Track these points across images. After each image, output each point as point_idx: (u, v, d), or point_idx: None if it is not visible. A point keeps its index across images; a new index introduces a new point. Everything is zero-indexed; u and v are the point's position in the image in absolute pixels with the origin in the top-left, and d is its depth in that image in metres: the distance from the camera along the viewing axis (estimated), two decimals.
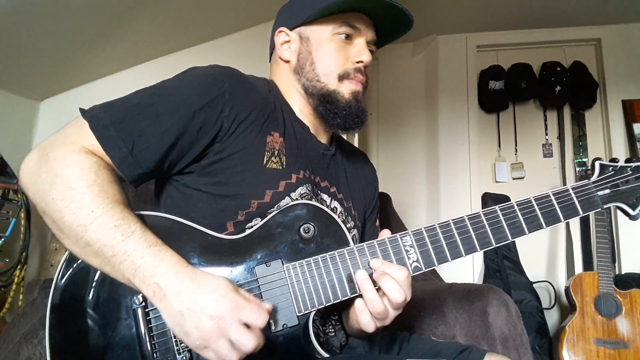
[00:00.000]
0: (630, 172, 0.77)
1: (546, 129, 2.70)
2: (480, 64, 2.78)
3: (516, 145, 2.71)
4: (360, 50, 0.83)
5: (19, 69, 1.65)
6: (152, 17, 1.70)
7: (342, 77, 0.83)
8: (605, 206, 0.75)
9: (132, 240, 0.60)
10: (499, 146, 2.74)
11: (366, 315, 0.68)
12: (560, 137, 2.66)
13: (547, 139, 2.69)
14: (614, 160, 0.80)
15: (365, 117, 0.85)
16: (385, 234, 0.73)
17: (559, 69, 2.60)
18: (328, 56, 0.82)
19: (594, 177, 0.77)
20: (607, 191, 0.76)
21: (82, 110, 0.68)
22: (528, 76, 2.64)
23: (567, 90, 2.58)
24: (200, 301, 0.57)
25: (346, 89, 0.83)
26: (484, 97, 2.72)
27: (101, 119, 0.66)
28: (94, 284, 0.66)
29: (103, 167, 0.64)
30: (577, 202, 0.74)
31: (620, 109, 2.56)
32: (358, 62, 0.83)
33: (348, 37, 0.83)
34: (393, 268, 0.68)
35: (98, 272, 0.66)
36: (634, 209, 0.76)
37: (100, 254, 0.60)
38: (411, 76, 2.95)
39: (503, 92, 2.67)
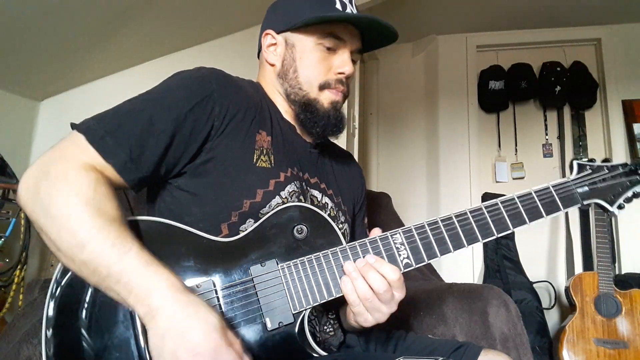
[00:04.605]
0: (607, 171, 0.82)
1: (546, 129, 2.70)
2: (480, 64, 2.78)
3: (516, 145, 2.72)
4: (343, 61, 0.84)
5: (19, 69, 1.66)
6: (151, 17, 1.71)
7: (323, 87, 0.84)
8: (584, 202, 0.80)
9: (127, 259, 0.59)
10: (499, 146, 2.74)
11: (360, 307, 0.69)
12: (560, 137, 2.66)
13: (547, 139, 2.69)
14: (591, 160, 0.85)
15: (343, 125, 0.87)
16: (375, 232, 0.74)
17: (559, 69, 2.61)
18: (311, 65, 0.83)
19: (573, 176, 0.81)
20: (586, 188, 0.80)
21: (74, 125, 0.68)
22: (528, 76, 2.65)
23: (567, 90, 2.58)
24: (183, 331, 0.56)
25: (326, 99, 0.84)
26: (484, 97, 2.73)
27: (96, 131, 0.66)
28: (92, 287, 0.66)
29: (102, 183, 0.64)
30: (557, 199, 0.78)
31: (620, 109, 2.56)
32: (340, 74, 0.84)
33: (331, 48, 0.84)
34: (386, 267, 0.69)
35: None
36: (611, 205, 0.81)
37: (96, 273, 0.60)
38: (411, 76, 2.96)
39: (503, 92, 2.67)
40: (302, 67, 0.83)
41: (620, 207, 0.81)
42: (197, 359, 0.55)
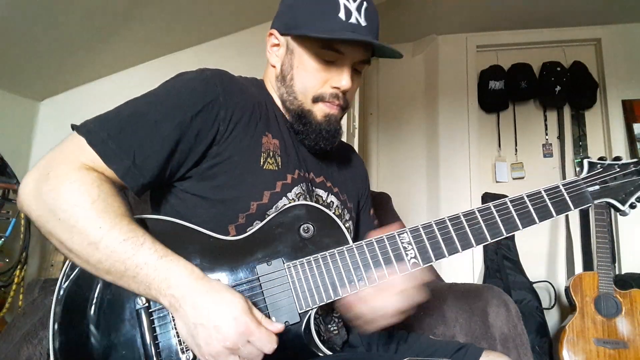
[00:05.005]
0: (618, 169, 0.80)
1: (546, 129, 2.70)
2: (480, 64, 2.78)
3: (516, 145, 2.71)
4: (340, 76, 0.79)
5: (19, 69, 1.65)
6: (151, 17, 1.71)
7: (317, 100, 0.80)
8: (596, 202, 0.77)
9: (142, 252, 0.60)
10: (499, 146, 2.74)
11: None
12: (560, 137, 2.66)
13: (547, 139, 2.69)
14: (602, 158, 0.82)
15: (336, 138, 0.84)
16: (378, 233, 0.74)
17: (559, 69, 2.61)
18: (307, 76, 0.79)
19: (583, 174, 0.79)
20: (597, 187, 0.78)
21: (75, 127, 0.67)
22: (528, 76, 2.64)
23: (567, 90, 2.58)
24: (214, 319, 0.58)
25: (319, 111, 0.81)
26: (484, 97, 2.72)
27: (98, 134, 0.65)
28: (97, 286, 0.66)
29: (104, 181, 0.64)
30: (568, 198, 0.76)
31: (620, 109, 2.56)
32: (335, 88, 0.80)
33: (330, 61, 0.79)
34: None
35: None
36: (623, 204, 0.78)
37: (112, 270, 0.60)
38: (411, 76, 2.95)
39: (503, 92, 2.67)
40: (299, 76, 0.80)
41: (632, 206, 0.79)
42: (231, 345, 0.57)
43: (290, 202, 0.77)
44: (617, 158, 0.82)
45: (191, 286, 0.60)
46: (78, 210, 0.60)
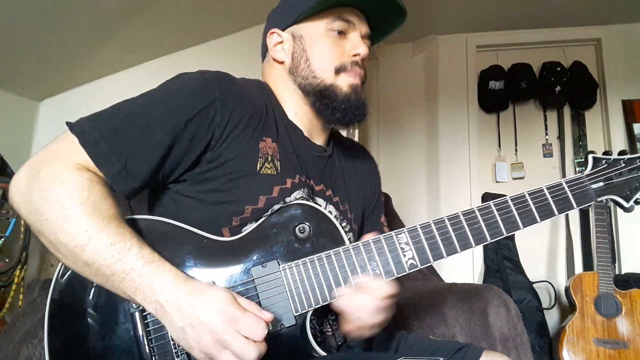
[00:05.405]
0: (624, 165, 0.76)
1: (546, 129, 2.70)
2: (480, 64, 2.78)
3: (516, 145, 2.71)
4: (356, 43, 0.82)
5: (19, 69, 1.65)
6: (151, 17, 1.71)
7: (339, 70, 0.81)
8: (599, 199, 0.75)
9: (129, 258, 0.59)
10: (499, 146, 2.74)
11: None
12: (560, 137, 2.66)
13: (547, 139, 2.69)
14: (607, 153, 0.79)
15: (366, 110, 0.83)
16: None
17: (559, 69, 2.60)
18: (323, 51, 0.81)
19: (587, 171, 0.77)
20: (601, 184, 0.75)
21: (69, 125, 0.66)
22: (528, 76, 2.64)
23: (567, 90, 2.57)
24: (199, 316, 0.57)
25: (344, 82, 0.81)
26: (484, 97, 2.72)
27: (91, 134, 0.64)
28: (91, 288, 0.66)
29: (96, 182, 0.63)
30: (570, 196, 0.73)
31: (620, 109, 2.56)
32: (355, 55, 0.82)
33: (342, 32, 0.82)
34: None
35: None
36: (627, 201, 0.75)
37: (99, 273, 0.60)
38: (411, 76, 2.95)
39: (503, 92, 2.67)
40: (314, 54, 0.81)
41: (637, 202, 0.75)
42: (221, 337, 0.57)
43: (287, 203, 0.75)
44: (623, 152, 0.78)
45: (175, 290, 0.59)
46: (66, 212, 0.59)
